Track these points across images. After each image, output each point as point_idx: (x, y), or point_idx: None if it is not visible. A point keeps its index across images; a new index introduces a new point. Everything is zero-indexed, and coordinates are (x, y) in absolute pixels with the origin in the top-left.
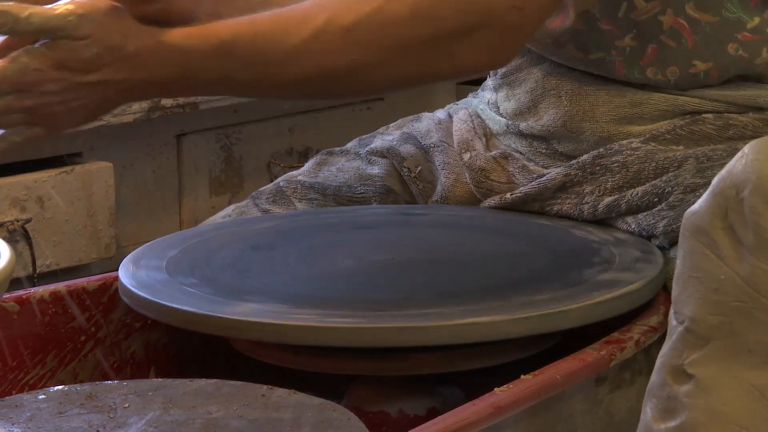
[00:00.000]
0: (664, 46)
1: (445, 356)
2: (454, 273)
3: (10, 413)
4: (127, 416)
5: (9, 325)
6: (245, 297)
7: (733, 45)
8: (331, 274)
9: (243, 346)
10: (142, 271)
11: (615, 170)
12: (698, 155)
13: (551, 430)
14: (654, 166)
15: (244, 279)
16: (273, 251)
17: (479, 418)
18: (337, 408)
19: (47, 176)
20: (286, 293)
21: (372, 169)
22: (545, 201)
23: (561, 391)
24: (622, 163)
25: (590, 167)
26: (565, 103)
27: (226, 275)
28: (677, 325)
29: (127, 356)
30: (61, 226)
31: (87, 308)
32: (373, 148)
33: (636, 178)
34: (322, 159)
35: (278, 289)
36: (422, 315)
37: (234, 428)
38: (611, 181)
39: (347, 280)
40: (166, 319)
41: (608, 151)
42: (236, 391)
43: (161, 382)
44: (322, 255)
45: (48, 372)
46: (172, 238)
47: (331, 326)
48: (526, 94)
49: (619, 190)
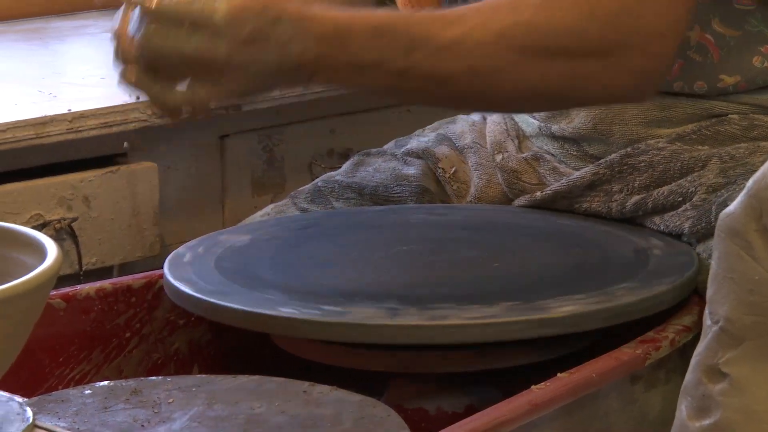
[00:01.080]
0: (691, 60)
1: (483, 354)
2: (491, 271)
3: (57, 408)
4: (171, 411)
5: (56, 322)
6: (289, 294)
7: (757, 58)
8: (370, 273)
9: (285, 343)
10: (187, 269)
11: (642, 169)
12: (722, 154)
13: (587, 428)
14: (679, 165)
15: (287, 277)
16: (314, 250)
17: (516, 415)
18: (377, 404)
19: (93, 176)
20: (328, 291)
21: (408, 169)
22: (574, 199)
23: (596, 389)
24: (649, 163)
25: (618, 166)
26: (593, 107)
27: (270, 273)
28: (712, 324)
29: (171, 352)
30: (107, 224)
31: (132, 305)
32: (409, 149)
33: (662, 178)
34: (359, 159)
35: (320, 287)
36: (460, 313)
37: (276, 424)
38: (638, 180)
39: (386, 279)
40: (211, 316)
41: (635, 150)
42: (278, 388)
43: (205, 378)
44: (361, 254)
45: (93, 368)
46: (216, 237)
47: (372, 324)
48: None
49: (646, 189)
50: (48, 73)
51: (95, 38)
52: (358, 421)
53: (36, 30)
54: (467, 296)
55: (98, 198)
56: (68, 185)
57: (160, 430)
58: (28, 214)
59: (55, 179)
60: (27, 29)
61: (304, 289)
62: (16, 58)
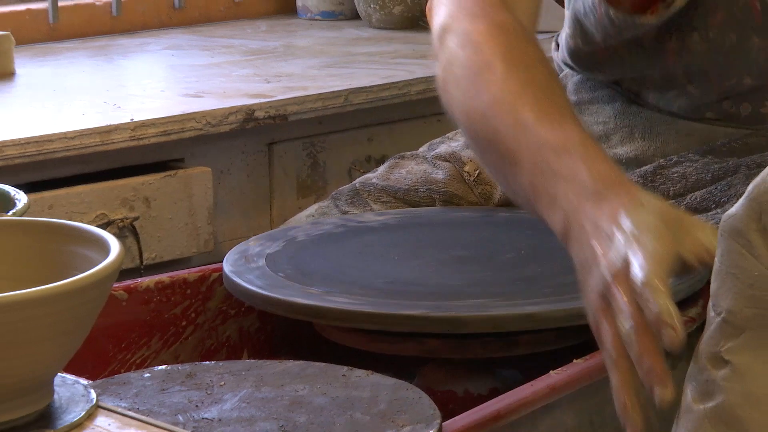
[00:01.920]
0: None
1: (506, 342)
2: (512, 268)
3: (119, 390)
4: (223, 393)
5: (118, 312)
6: (332, 287)
7: None
8: (403, 268)
9: (326, 331)
10: (241, 264)
11: (675, 180)
12: (749, 163)
13: (600, 410)
14: (711, 176)
15: (330, 271)
16: (353, 248)
17: (536, 398)
18: (410, 387)
19: (153, 179)
20: (366, 283)
21: (437, 173)
22: None
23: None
24: (682, 174)
25: (651, 176)
26: (638, 138)
27: (314, 267)
28: (715, 316)
29: (223, 339)
30: (165, 223)
31: (188, 296)
32: (438, 152)
33: (695, 186)
34: (394, 162)
35: (360, 280)
36: (486, 305)
37: (317, 405)
38: (672, 190)
39: (417, 275)
40: (262, 306)
41: (669, 162)
42: (320, 372)
43: (253, 363)
44: (390, 252)
45: (152, 353)
46: (269, 235)
47: (406, 314)
48: (597, 125)
49: (681, 196)
50: (113, 86)
51: (155, 54)
52: (392, 402)
53: (102, 47)
54: (493, 291)
55: (157, 199)
56: (130, 187)
57: (213, 410)
58: (94, 213)
59: (118, 182)
60: (94, 46)
61: (346, 283)
62: (84, 72)
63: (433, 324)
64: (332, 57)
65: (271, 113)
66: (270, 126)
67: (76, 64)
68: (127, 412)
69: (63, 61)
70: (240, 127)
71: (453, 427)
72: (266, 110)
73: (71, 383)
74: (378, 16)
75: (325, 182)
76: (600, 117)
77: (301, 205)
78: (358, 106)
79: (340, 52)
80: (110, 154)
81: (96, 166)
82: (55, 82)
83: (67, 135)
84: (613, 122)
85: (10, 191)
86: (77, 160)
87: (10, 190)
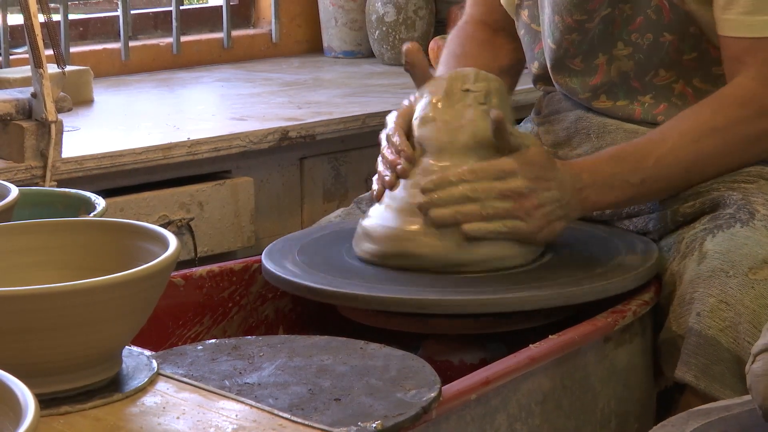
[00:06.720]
0: (672, 104)
1: (494, 320)
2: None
3: (176, 360)
4: (262, 362)
5: (177, 295)
6: (351, 276)
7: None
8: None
9: (347, 311)
10: (277, 257)
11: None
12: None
13: (571, 377)
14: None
15: (351, 262)
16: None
17: (519, 366)
18: (415, 358)
19: (206, 187)
20: (379, 273)
21: None
22: None
23: (578, 348)
24: None
25: None
26: (593, 138)
27: (337, 259)
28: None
29: (262, 318)
30: (215, 223)
31: (233, 283)
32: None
33: None
34: None
35: (374, 269)
36: (477, 291)
37: (340, 372)
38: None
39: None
40: (292, 291)
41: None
42: (341, 345)
43: (287, 337)
44: None
45: (204, 329)
46: (299, 234)
47: (411, 298)
48: (562, 131)
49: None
50: (173, 111)
51: (208, 86)
52: (401, 370)
53: (164, 79)
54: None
55: (209, 203)
56: (187, 194)
57: (254, 376)
58: (157, 215)
59: (177, 189)
60: (158, 79)
61: (363, 272)
62: (150, 100)
63: (433, 306)
64: (352, 88)
65: (302, 133)
66: (301, 144)
67: (144, 93)
68: (183, 378)
69: (133, 91)
70: (277, 144)
71: (450, 390)
72: (298, 131)
73: (137, 354)
74: (389, 55)
75: (346, 190)
76: (564, 124)
77: (326, 209)
78: (374, 127)
79: (358, 84)
80: (171, 166)
81: (159, 176)
82: (126, 108)
83: (135, 151)
84: (573, 127)
85: (91, 197)
86: (144, 172)
87: (91, 196)
